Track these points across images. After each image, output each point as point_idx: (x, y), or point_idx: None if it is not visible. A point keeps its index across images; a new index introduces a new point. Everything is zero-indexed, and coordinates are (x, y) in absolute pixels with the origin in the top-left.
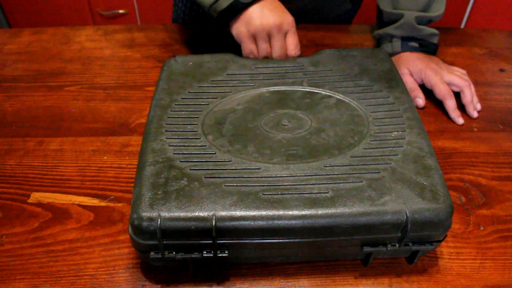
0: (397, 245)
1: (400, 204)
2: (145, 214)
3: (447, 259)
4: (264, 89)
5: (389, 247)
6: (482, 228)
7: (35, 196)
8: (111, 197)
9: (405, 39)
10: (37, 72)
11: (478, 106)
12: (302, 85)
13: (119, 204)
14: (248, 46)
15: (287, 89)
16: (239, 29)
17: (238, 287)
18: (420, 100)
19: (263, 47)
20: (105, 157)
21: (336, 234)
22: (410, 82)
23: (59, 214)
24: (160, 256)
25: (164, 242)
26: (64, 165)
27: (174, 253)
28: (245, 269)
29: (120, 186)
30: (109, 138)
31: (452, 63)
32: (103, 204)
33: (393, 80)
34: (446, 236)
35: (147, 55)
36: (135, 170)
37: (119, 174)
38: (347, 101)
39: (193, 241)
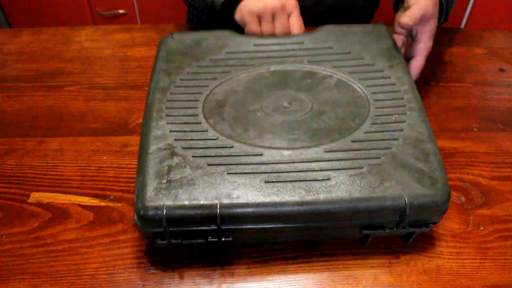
0: (395, 228)
1: (399, 190)
2: (151, 203)
3: (447, 259)
4: (264, 69)
5: (387, 230)
6: (482, 228)
7: (35, 196)
8: (111, 197)
9: None
10: (37, 72)
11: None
12: (302, 64)
13: (119, 204)
14: (251, 28)
15: (288, 68)
16: (242, 12)
17: (238, 286)
18: (408, 20)
19: (267, 27)
20: (105, 157)
21: (337, 219)
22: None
23: (59, 214)
24: (165, 242)
25: (170, 229)
26: (64, 165)
27: (180, 239)
28: (245, 268)
29: (120, 186)
30: (109, 138)
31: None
32: (103, 204)
33: (394, 58)
34: (441, 218)
35: (147, 55)
36: (135, 169)
37: (119, 174)
38: (348, 81)
39: (198, 228)
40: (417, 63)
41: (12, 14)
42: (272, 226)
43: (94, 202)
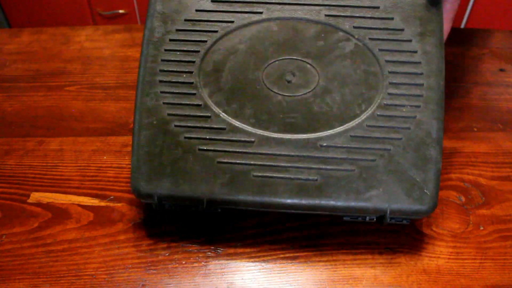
0: (375, 220)
1: (384, 201)
2: (143, 189)
3: (447, 259)
4: (272, 21)
5: (367, 219)
6: (482, 228)
7: (35, 196)
8: (111, 197)
9: None
10: (37, 72)
11: None
12: (318, 17)
13: (119, 204)
14: None
15: (300, 22)
16: None
17: (238, 286)
18: None
19: None
20: (105, 157)
21: (320, 215)
22: None
23: (59, 214)
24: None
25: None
26: (64, 165)
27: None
28: (245, 268)
29: (120, 186)
30: (109, 138)
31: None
32: (103, 204)
33: (429, 22)
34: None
35: None
36: None
37: (119, 174)
38: (365, 50)
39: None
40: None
41: (12, 14)
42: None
43: (94, 202)
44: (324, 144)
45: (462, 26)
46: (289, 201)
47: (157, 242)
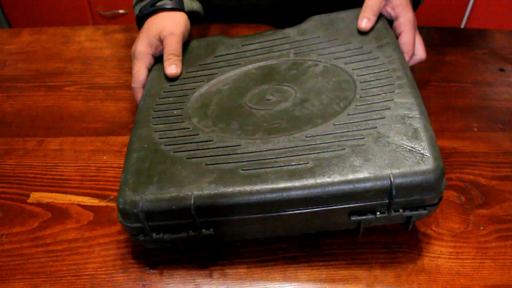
0: (386, 212)
1: (383, 169)
2: (128, 198)
3: (447, 259)
4: (250, 66)
5: (378, 214)
6: (481, 228)
7: (35, 196)
8: (111, 197)
9: None
10: (37, 72)
11: None
12: (288, 57)
13: None
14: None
15: (273, 62)
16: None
17: (238, 286)
18: (366, 21)
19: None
20: (104, 157)
21: (319, 204)
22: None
23: (59, 214)
24: (148, 238)
25: (150, 224)
26: (64, 165)
27: (161, 234)
28: (245, 268)
29: None
30: (109, 138)
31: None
32: (102, 204)
33: (383, 37)
34: (441, 199)
35: None
36: None
37: (118, 174)
38: (334, 67)
39: (177, 221)
40: (404, 38)
41: (12, 14)
42: (252, 216)
43: (94, 202)
44: (310, 135)
45: (462, 26)
46: (282, 185)
47: None
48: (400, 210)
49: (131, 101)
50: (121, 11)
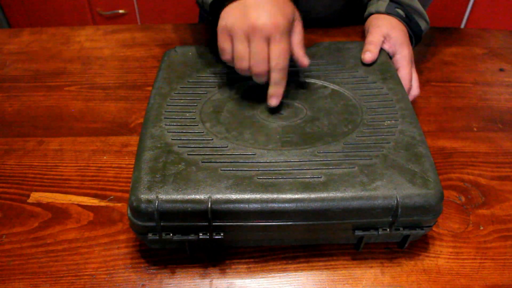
0: (388, 230)
1: (391, 189)
2: (144, 196)
3: (447, 259)
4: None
5: (380, 231)
6: (481, 228)
7: (35, 196)
8: (111, 197)
9: (393, 1)
10: (37, 72)
11: None
12: (298, 76)
13: (119, 204)
14: (220, 46)
15: None
16: (219, 23)
17: (238, 286)
18: (370, 54)
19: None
20: (105, 157)
21: (328, 217)
22: (377, 36)
23: (59, 214)
24: (157, 237)
25: (162, 224)
26: (64, 165)
27: (171, 234)
28: (245, 268)
29: (120, 186)
30: (109, 138)
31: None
32: (102, 204)
33: (387, 71)
34: (436, 221)
35: (147, 55)
36: None
37: (118, 174)
38: (341, 91)
39: (190, 223)
40: (401, 73)
41: (12, 14)
42: (263, 223)
43: (94, 202)
44: (322, 152)
45: (462, 26)
46: (296, 196)
47: None
48: (401, 229)
49: (131, 101)
50: (121, 11)
